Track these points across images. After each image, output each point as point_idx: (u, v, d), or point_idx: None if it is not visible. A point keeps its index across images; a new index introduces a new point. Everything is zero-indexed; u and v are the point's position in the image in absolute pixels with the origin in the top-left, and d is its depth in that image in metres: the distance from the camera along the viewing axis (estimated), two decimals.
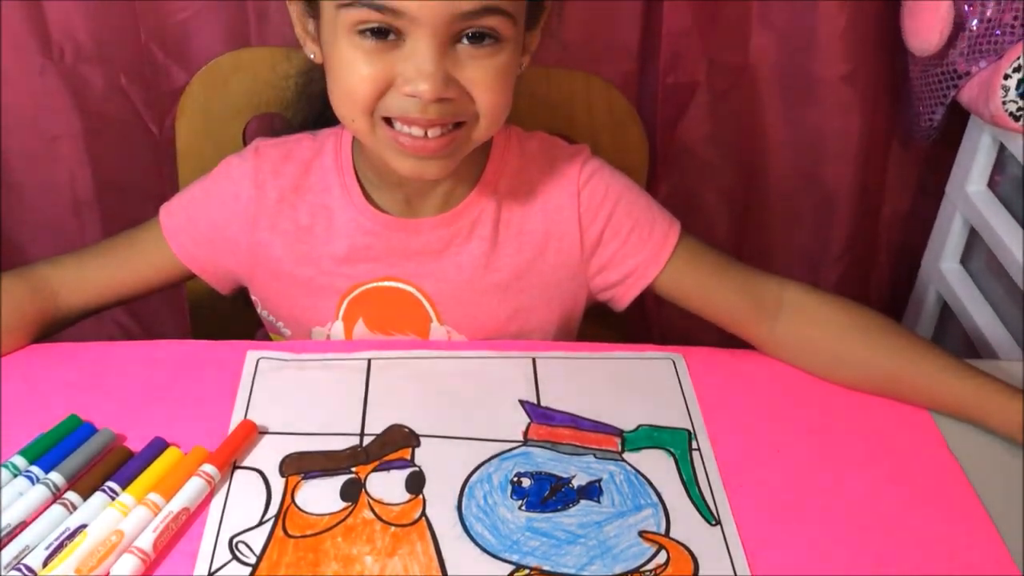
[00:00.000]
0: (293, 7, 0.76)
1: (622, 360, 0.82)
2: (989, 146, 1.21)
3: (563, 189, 0.83)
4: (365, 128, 0.72)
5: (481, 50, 0.69)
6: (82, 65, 1.19)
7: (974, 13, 1.09)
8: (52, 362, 0.79)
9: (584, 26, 1.16)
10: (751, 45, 1.22)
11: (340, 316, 0.84)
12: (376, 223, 0.82)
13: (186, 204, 0.85)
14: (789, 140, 1.27)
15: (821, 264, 1.36)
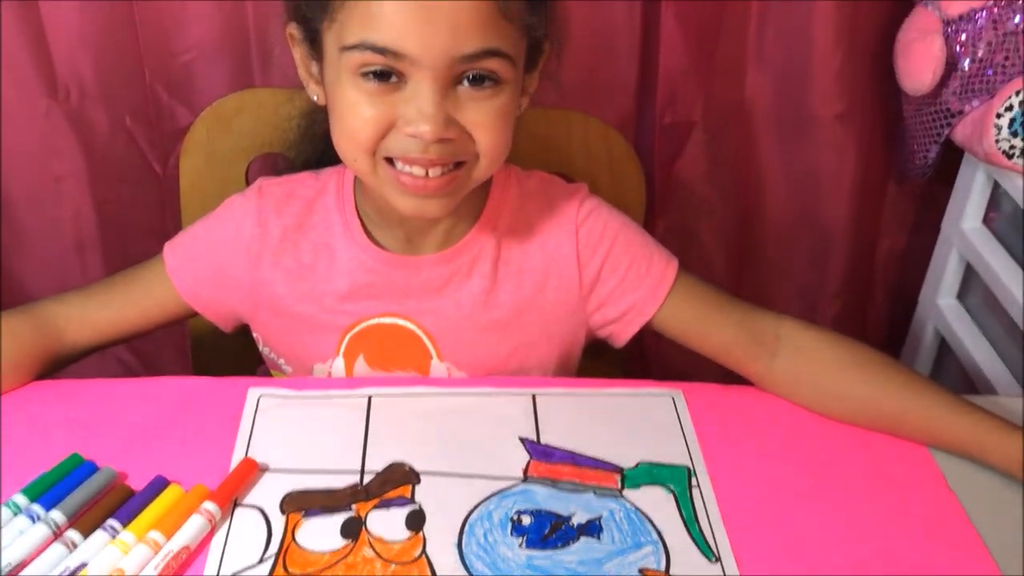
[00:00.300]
0: (297, 50, 0.77)
1: (622, 396, 0.82)
2: (983, 183, 1.22)
3: (561, 227, 0.84)
4: (367, 167, 0.74)
5: (481, 92, 0.71)
6: (87, 106, 1.20)
7: (966, 53, 1.11)
8: (54, 399, 0.79)
9: (582, 66, 1.17)
10: (747, 84, 1.23)
11: (341, 353, 0.85)
12: (377, 260, 0.83)
13: (189, 242, 0.86)
14: (785, 178, 1.28)
15: (818, 301, 1.36)
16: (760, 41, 1.20)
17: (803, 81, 1.20)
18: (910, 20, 1.15)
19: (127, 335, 0.86)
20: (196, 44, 1.16)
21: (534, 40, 0.75)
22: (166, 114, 1.19)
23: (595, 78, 1.20)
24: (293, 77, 0.81)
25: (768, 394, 0.83)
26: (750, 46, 1.21)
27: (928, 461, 0.77)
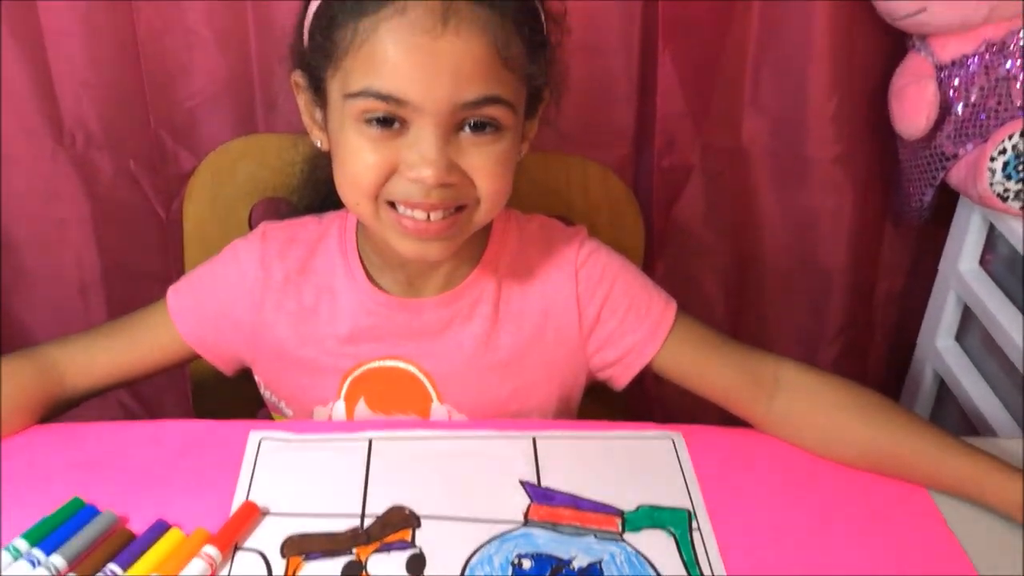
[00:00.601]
0: (301, 97, 0.79)
1: (622, 439, 0.82)
2: (979, 226, 1.23)
3: (561, 269, 0.85)
4: (369, 211, 0.75)
5: (482, 138, 0.72)
6: (92, 151, 1.22)
7: (959, 98, 1.13)
8: (55, 443, 0.79)
9: (581, 111, 1.19)
10: (744, 129, 1.25)
11: (342, 396, 0.85)
12: (378, 303, 0.83)
13: (193, 285, 0.87)
14: (783, 221, 1.29)
15: (818, 343, 1.37)
16: (756, 86, 1.22)
17: (799, 125, 1.22)
18: (904, 65, 1.17)
19: (129, 379, 0.86)
20: (201, 90, 1.18)
21: (534, 88, 0.76)
22: (170, 159, 1.20)
23: (594, 123, 1.21)
24: (296, 123, 0.82)
25: (768, 436, 0.83)
26: (746, 91, 1.23)
27: (928, 503, 0.77)
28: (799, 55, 1.18)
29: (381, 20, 0.68)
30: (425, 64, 0.68)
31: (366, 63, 0.69)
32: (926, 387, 1.35)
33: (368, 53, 0.69)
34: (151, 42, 1.14)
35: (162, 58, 1.15)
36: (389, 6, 0.68)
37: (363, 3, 0.69)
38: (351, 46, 0.70)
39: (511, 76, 0.71)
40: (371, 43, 0.69)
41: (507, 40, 0.70)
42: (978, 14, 1.09)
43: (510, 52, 0.70)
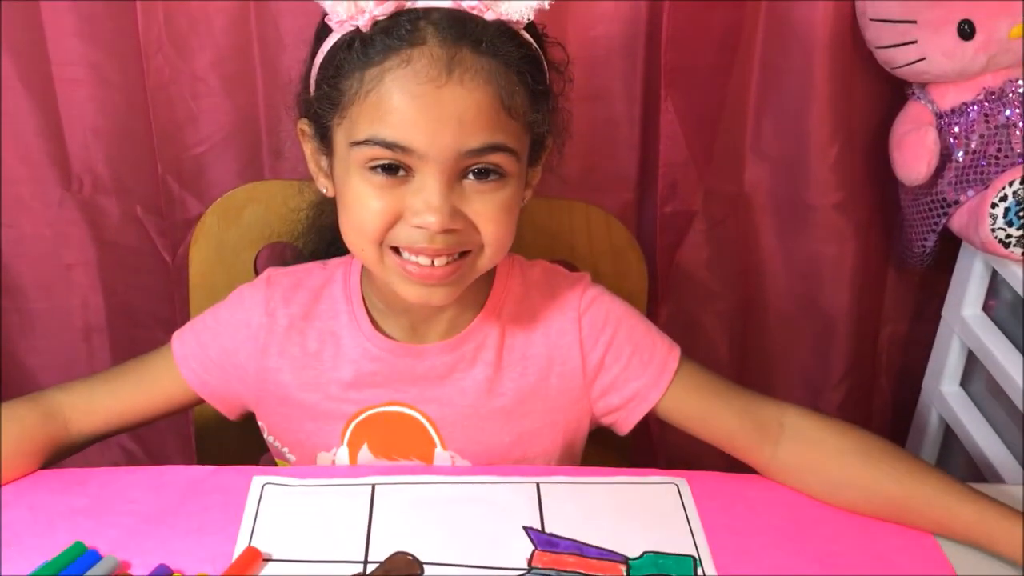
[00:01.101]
0: (308, 145, 0.80)
1: (626, 485, 0.82)
2: (982, 271, 1.23)
3: (565, 315, 0.85)
4: (374, 257, 0.75)
5: (486, 185, 0.73)
6: (99, 196, 1.23)
7: (959, 145, 1.14)
8: (58, 488, 0.79)
9: (584, 157, 1.20)
10: (746, 175, 1.26)
11: (345, 441, 0.85)
12: (382, 348, 0.84)
13: (198, 331, 0.87)
14: (786, 266, 1.30)
15: (822, 388, 1.36)
16: (758, 133, 1.23)
17: (801, 172, 1.23)
18: (904, 113, 1.18)
19: (133, 423, 0.86)
20: (208, 137, 1.19)
21: (537, 135, 0.77)
22: (177, 205, 1.21)
23: (597, 169, 1.22)
24: (302, 170, 0.83)
25: (773, 482, 0.83)
26: (748, 138, 1.24)
27: (935, 550, 0.76)
28: (800, 103, 1.19)
29: (387, 70, 0.70)
30: (429, 113, 0.69)
31: (372, 112, 0.70)
32: (932, 432, 1.35)
33: (374, 102, 0.70)
34: (159, 90, 1.15)
35: (170, 106, 1.17)
36: (395, 56, 0.69)
37: (369, 53, 0.70)
38: (357, 95, 0.71)
39: (514, 124, 0.72)
40: (377, 92, 0.70)
41: (510, 89, 0.71)
42: (976, 63, 1.11)
43: (513, 101, 0.71)
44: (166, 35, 1.13)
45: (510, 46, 0.71)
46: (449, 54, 0.69)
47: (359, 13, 0.70)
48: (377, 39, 0.70)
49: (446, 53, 0.69)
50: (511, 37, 0.72)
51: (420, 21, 0.70)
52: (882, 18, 1.12)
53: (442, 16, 0.70)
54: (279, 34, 1.13)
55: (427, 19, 0.70)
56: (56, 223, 1.24)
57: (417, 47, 0.69)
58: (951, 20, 1.09)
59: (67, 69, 1.16)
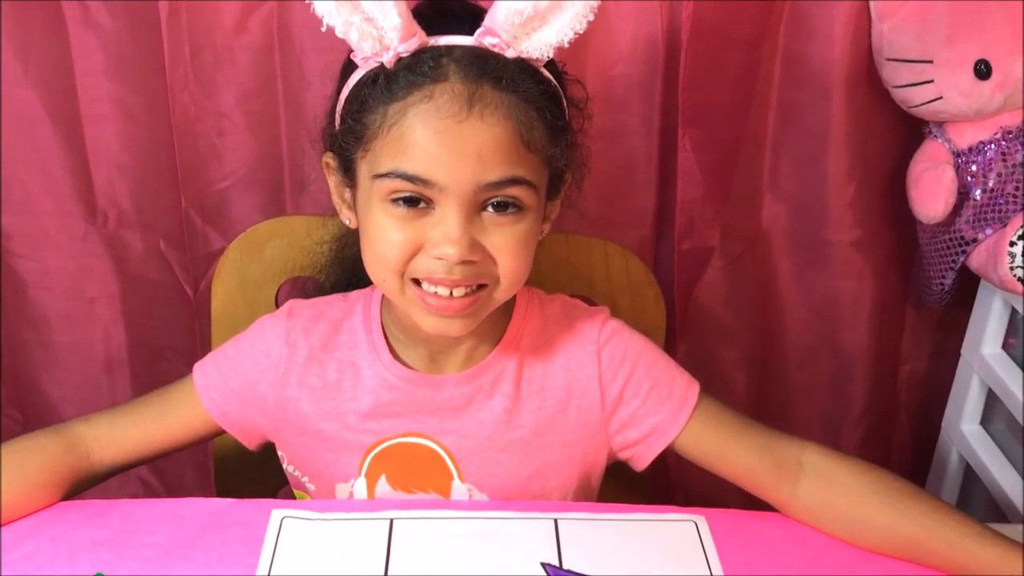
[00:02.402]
0: (332, 178, 0.81)
1: (644, 522, 0.82)
2: (1001, 310, 1.23)
3: (583, 348, 0.86)
4: (395, 288, 0.76)
5: (505, 217, 0.74)
6: (123, 230, 1.25)
7: (977, 183, 1.14)
8: (79, 520, 0.80)
9: (603, 194, 1.21)
10: (763, 213, 1.26)
11: (363, 473, 0.86)
12: (401, 379, 0.84)
13: (219, 362, 0.88)
14: (804, 303, 1.30)
15: (841, 425, 1.36)
16: (775, 172, 1.24)
17: (818, 210, 1.23)
18: (921, 151, 1.19)
19: (154, 454, 0.87)
20: (231, 173, 1.21)
21: (556, 169, 0.78)
22: (200, 239, 1.23)
23: (615, 205, 1.23)
24: (324, 205, 0.84)
25: (792, 520, 0.83)
26: (765, 176, 1.24)
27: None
28: (817, 141, 1.20)
29: (409, 105, 0.71)
30: (450, 146, 0.71)
31: (394, 145, 0.72)
32: (952, 472, 1.34)
33: (397, 136, 0.72)
34: (184, 126, 1.17)
35: (194, 142, 1.18)
36: (417, 92, 0.71)
37: (393, 89, 0.72)
38: (380, 129, 0.72)
39: (533, 158, 0.74)
40: (400, 126, 0.72)
41: (529, 124, 0.73)
42: (993, 102, 1.11)
43: (532, 136, 0.73)
44: (192, 73, 1.15)
45: (530, 83, 0.73)
46: (470, 90, 0.71)
47: (384, 50, 0.72)
48: (401, 75, 0.72)
49: (467, 89, 0.71)
50: (531, 74, 0.74)
51: (443, 58, 0.72)
52: (898, 58, 1.12)
53: (464, 53, 0.72)
54: (303, 72, 1.15)
55: (449, 56, 0.72)
56: (80, 256, 1.25)
57: (439, 83, 0.71)
58: (967, 60, 1.09)
59: (94, 105, 1.18)
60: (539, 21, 0.72)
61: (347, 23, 0.71)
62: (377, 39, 0.72)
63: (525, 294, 0.87)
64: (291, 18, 1.14)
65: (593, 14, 0.72)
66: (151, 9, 1.11)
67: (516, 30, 0.72)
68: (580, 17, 0.72)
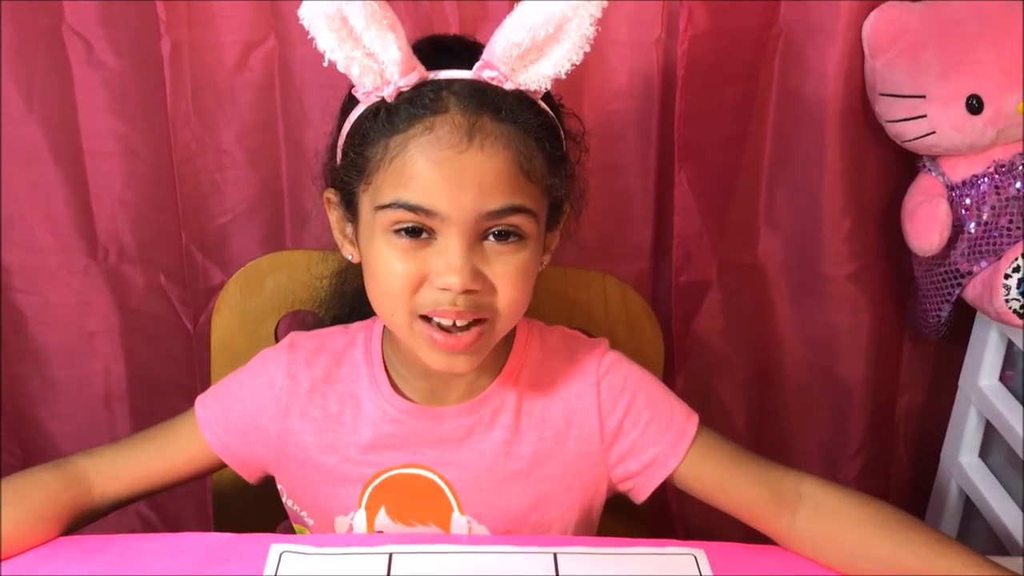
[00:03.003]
0: (333, 213, 0.82)
1: (644, 556, 0.82)
2: (997, 342, 1.23)
3: (583, 379, 0.86)
4: (404, 323, 0.77)
5: (506, 246, 0.75)
6: (124, 265, 1.26)
7: (971, 216, 1.15)
8: (78, 555, 0.80)
9: (600, 228, 1.22)
10: (760, 247, 1.27)
11: (363, 505, 0.86)
12: (401, 410, 0.85)
13: (221, 395, 0.88)
14: (801, 336, 1.30)
15: (840, 459, 1.35)
16: (771, 206, 1.25)
17: (814, 243, 1.24)
18: (915, 185, 1.20)
19: (155, 488, 0.87)
20: (232, 208, 1.22)
21: (555, 199, 0.79)
22: (200, 273, 1.24)
23: (613, 239, 1.24)
24: (323, 240, 0.85)
25: (791, 553, 0.83)
26: (761, 211, 1.25)
27: None
28: (812, 175, 1.21)
29: (411, 137, 0.73)
30: (451, 176, 0.72)
31: (396, 177, 0.73)
32: (951, 504, 1.33)
33: (398, 167, 0.73)
34: (186, 162, 1.18)
35: (196, 177, 1.19)
36: (418, 124, 0.72)
37: (394, 122, 0.73)
38: (382, 161, 0.74)
39: (533, 187, 0.75)
40: (401, 158, 0.73)
41: (528, 154, 0.74)
42: (986, 137, 1.12)
43: (531, 165, 0.74)
44: (193, 110, 1.17)
45: (528, 114, 0.74)
46: (470, 121, 0.72)
47: (384, 84, 0.73)
48: (402, 108, 0.73)
49: (467, 121, 0.72)
50: (529, 106, 0.75)
51: (442, 91, 0.73)
52: (891, 93, 1.14)
53: (463, 86, 0.74)
54: (303, 109, 1.17)
55: (449, 89, 0.73)
56: (81, 291, 1.26)
57: (440, 115, 0.72)
58: (959, 95, 1.11)
59: (97, 142, 1.20)
60: (536, 54, 0.73)
61: (348, 58, 0.72)
62: (378, 73, 0.73)
63: (525, 325, 0.88)
64: (291, 56, 1.15)
65: (589, 46, 0.73)
66: (154, 47, 1.13)
67: (514, 63, 0.73)
68: (576, 49, 0.73)
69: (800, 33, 1.16)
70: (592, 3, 0.71)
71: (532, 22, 0.71)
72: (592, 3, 0.71)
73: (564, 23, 0.71)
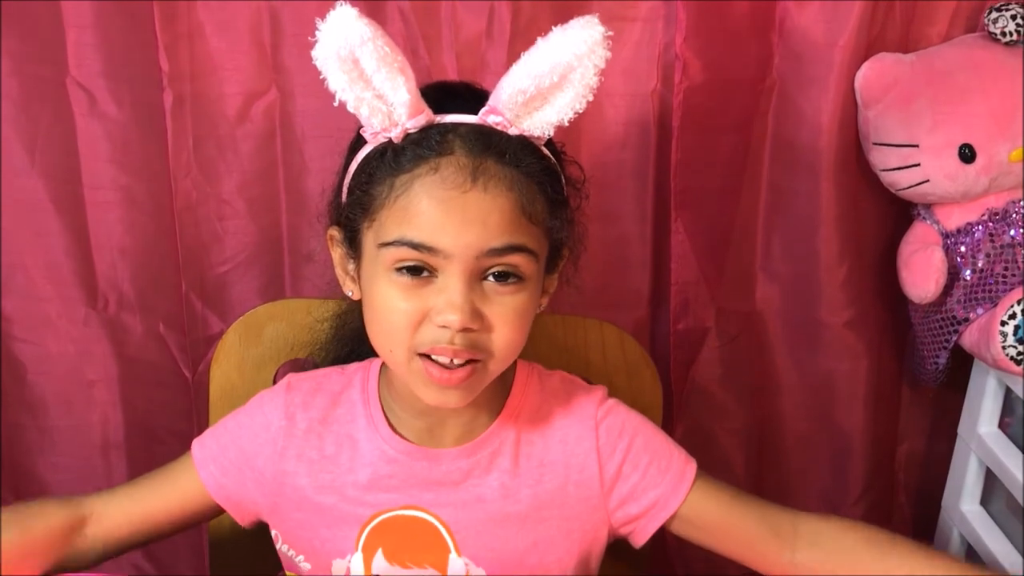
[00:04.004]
0: (336, 251, 0.84)
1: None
2: (995, 388, 1.23)
3: (582, 423, 0.86)
4: (402, 359, 0.78)
5: (506, 287, 0.76)
6: (124, 314, 1.26)
7: (966, 264, 1.16)
8: None
9: (597, 275, 1.22)
10: (757, 294, 1.28)
11: (359, 547, 0.85)
12: (399, 452, 0.85)
13: (219, 435, 0.88)
14: (800, 383, 1.30)
15: (840, 506, 1.34)
16: (767, 254, 1.26)
17: (811, 291, 1.24)
18: (910, 233, 1.20)
19: (149, 533, 0.87)
20: (232, 257, 1.22)
21: (555, 242, 0.81)
22: (199, 322, 1.24)
23: (610, 287, 1.25)
24: (323, 289, 0.86)
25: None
26: (758, 258, 1.26)
27: None
28: (808, 223, 1.21)
29: (416, 177, 0.74)
30: (455, 214, 0.73)
31: (400, 215, 0.75)
32: (954, 552, 1.32)
33: (403, 206, 0.75)
34: (187, 211, 1.19)
35: (196, 227, 1.20)
36: (424, 165, 0.74)
37: (400, 161, 0.75)
38: (387, 200, 0.75)
39: (534, 229, 0.76)
40: (406, 197, 0.74)
41: (531, 197, 0.76)
42: (979, 185, 1.13)
43: (533, 208, 0.76)
44: (195, 160, 1.18)
45: (531, 158, 0.77)
46: (475, 163, 0.74)
47: (392, 126, 0.75)
48: (408, 149, 0.75)
49: (472, 162, 0.74)
50: (532, 151, 0.77)
51: (448, 134, 0.75)
52: (885, 142, 1.15)
53: (469, 130, 0.76)
54: (304, 160, 1.18)
55: (455, 133, 0.75)
56: (80, 340, 1.26)
57: (445, 156, 0.74)
58: (952, 144, 1.12)
59: (98, 192, 1.21)
60: (541, 101, 0.76)
61: (359, 99, 0.73)
62: (386, 115, 0.75)
63: (525, 368, 0.88)
64: (292, 108, 1.17)
65: (593, 95, 0.75)
66: (156, 99, 1.15)
67: (519, 109, 0.76)
68: (580, 97, 0.75)
69: (793, 84, 1.18)
70: (597, 55, 0.73)
71: (538, 71, 0.74)
72: (597, 55, 0.73)
73: (569, 72, 0.74)
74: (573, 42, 0.73)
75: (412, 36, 1.14)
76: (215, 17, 1.14)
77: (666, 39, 1.16)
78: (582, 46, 0.72)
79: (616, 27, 1.13)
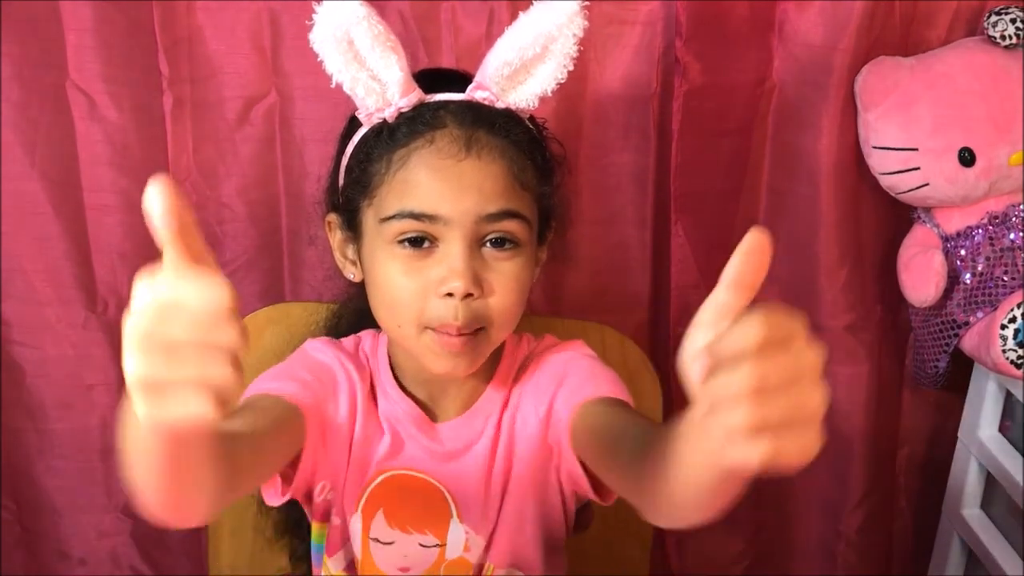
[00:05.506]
0: (334, 236, 0.86)
1: None
2: (996, 392, 1.23)
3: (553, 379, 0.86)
4: (411, 333, 0.79)
5: (503, 253, 0.79)
6: (123, 317, 1.25)
7: (966, 267, 1.16)
8: None
9: (598, 279, 1.23)
10: (756, 298, 1.27)
11: (359, 509, 0.86)
12: (407, 415, 0.86)
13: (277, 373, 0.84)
14: None
15: (841, 512, 1.34)
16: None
17: (811, 295, 1.24)
18: (910, 236, 1.20)
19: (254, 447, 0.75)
20: (231, 260, 1.22)
21: (544, 211, 0.84)
22: None
23: (610, 291, 1.25)
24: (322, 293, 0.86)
25: None
26: None
27: None
28: (808, 227, 1.21)
29: (412, 150, 0.78)
30: (452, 182, 0.77)
31: (400, 188, 0.78)
32: (954, 557, 1.32)
33: (402, 179, 0.78)
34: None
35: None
36: (419, 138, 0.78)
37: (396, 137, 0.79)
38: (385, 175, 0.79)
39: (526, 195, 0.80)
40: (404, 170, 0.78)
41: (522, 164, 0.80)
42: (979, 189, 1.14)
43: (524, 175, 0.80)
44: (195, 164, 1.18)
45: (519, 129, 0.81)
46: (467, 134, 0.78)
47: (386, 105, 0.79)
48: (402, 126, 0.79)
49: (464, 133, 0.78)
50: (518, 122, 0.82)
51: (440, 111, 0.79)
52: (884, 146, 1.15)
53: (459, 106, 0.80)
54: (303, 164, 1.18)
55: (446, 108, 0.79)
56: (80, 344, 1.26)
57: (439, 129, 0.78)
58: (952, 148, 1.12)
59: (98, 196, 1.20)
60: (524, 74, 0.80)
61: (354, 79, 0.76)
62: (380, 95, 0.78)
63: (513, 336, 0.89)
64: (292, 111, 1.17)
65: (573, 64, 0.79)
66: (156, 102, 1.15)
67: (504, 83, 0.80)
68: (561, 67, 0.79)
69: (793, 88, 1.18)
70: (575, 23, 0.77)
71: (521, 42, 0.77)
72: (575, 23, 0.77)
73: (550, 43, 0.78)
74: (553, 13, 0.76)
75: (412, 39, 1.14)
76: (215, 20, 1.14)
77: (666, 42, 1.16)
78: (561, 16, 0.76)
79: (616, 30, 1.14)
